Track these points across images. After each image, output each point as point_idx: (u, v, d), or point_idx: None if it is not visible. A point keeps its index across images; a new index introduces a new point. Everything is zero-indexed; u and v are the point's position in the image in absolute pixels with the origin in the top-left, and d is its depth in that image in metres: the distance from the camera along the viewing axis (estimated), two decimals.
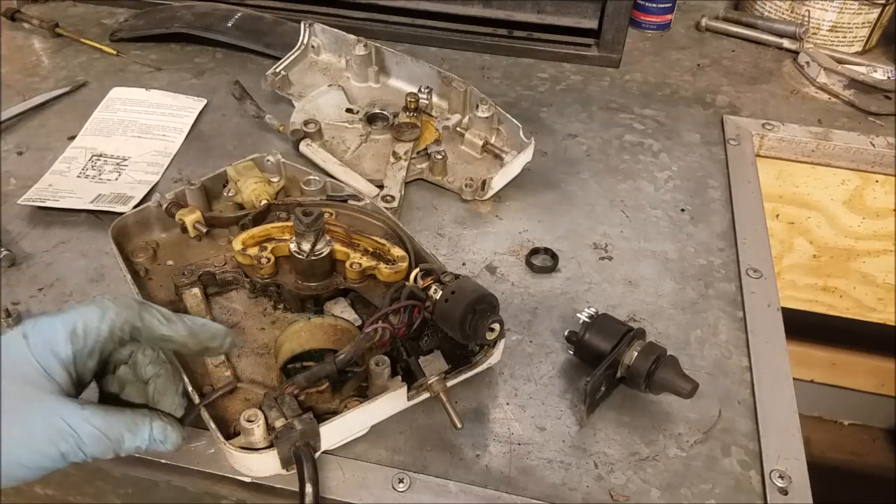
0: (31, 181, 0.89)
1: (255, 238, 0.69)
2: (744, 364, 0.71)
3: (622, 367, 0.64)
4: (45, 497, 0.70)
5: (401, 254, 0.68)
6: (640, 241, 0.85)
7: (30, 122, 1.01)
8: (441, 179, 0.91)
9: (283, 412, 0.56)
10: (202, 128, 1.01)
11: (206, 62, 1.16)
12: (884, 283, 1.18)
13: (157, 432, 0.50)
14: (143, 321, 0.51)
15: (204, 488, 0.62)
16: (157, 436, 0.49)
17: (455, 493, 0.59)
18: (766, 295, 0.77)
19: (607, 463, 0.62)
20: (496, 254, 0.82)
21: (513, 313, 0.75)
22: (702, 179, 0.94)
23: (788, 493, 0.60)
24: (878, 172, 1.04)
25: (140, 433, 0.48)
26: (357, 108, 1.00)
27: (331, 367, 0.58)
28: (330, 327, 0.64)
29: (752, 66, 1.20)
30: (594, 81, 1.14)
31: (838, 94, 1.11)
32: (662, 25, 1.29)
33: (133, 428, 0.48)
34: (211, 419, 0.57)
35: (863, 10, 1.16)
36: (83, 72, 1.13)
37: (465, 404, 0.66)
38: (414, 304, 0.62)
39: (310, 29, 1.08)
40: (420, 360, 0.63)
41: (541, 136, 1.00)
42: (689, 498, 0.60)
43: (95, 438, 0.45)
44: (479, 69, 1.16)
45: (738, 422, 0.66)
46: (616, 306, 0.76)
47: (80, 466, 0.63)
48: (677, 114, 1.07)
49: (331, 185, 0.79)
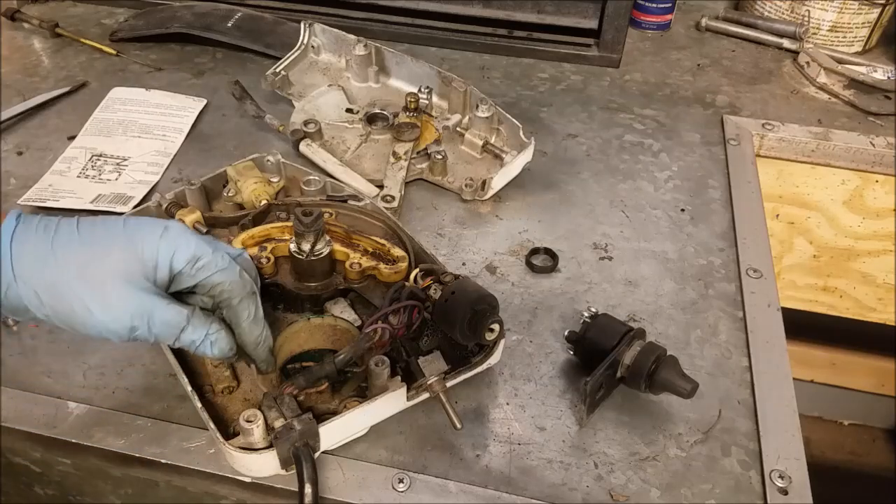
0: (31, 181, 0.89)
1: (254, 238, 0.69)
2: (744, 364, 0.71)
3: (622, 367, 0.64)
4: (46, 497, 0.70)
5: (401, 254, 0.68)
6: (640, 241, 0.85)
7: (30, 122, 1.01)
8: (441, 179, 0.91)
9: (283, 412, 0.56)
10: (202, 128, 1.01)
11: (206, 62, 1.16)
12: (884, 283, 1.18)
13: (213, 334, 0.56)
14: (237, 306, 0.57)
15: (204, 488, 0.62)
16: (211, 337, 0.55)
17: (455, 493, 0.59)
18: (766, 295, 0.77)
19: (607, 463, 0.62)
20: (496, 254, 0.82)
21: (513, 313, 0.75)
22: (702, 179, 0.94)
23: (788, 493, 0.60)
24: (878, 172, 1.04)
25: (198, 330, 0.55)
26: (357, 108, 1.00)
27: (330, 367, 0.58)
28: (329, 328, 0.64)
29: (752, 66, 1.20)
30: (594, 81, 1.14)
31: (838, 94, 1.11)
32: (662, 25, 1.29)
33: (195, 323, 0.55)
34: (210, 419, 0.57)
35: (863, 10, 1.16)
36: (83, 72, 1.13)
37: (465, 404, 0.66)
38: (414, 305, 0.62)
39: (310, 29, 1.08)
40: (420, 360, 0.63)
41: (541, 136, 1.00)
42: (689, 498, 0.60)
43: (163, 324, 0.53)
44: (479, 69, 1.16)
45: (738, 422, 0.66)
46: (616, 306, 0.76)
47: (80, 465, 0.64)
48: (677, 114, 1.07)
49: (331, 185, 0.79)
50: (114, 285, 0.52)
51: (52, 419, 0.63)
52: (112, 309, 0.52)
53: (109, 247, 0.53)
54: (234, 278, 0.56)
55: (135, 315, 0.52)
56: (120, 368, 0.68)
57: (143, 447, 0.61)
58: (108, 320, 0.52)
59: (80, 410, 0.64)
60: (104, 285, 0.51)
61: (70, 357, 0.69)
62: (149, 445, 0.61)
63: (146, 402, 0.65)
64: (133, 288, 0.52)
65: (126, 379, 0.67)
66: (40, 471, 0.66)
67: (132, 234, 0.53)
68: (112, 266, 0.52)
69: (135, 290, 0.52)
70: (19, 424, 0.63)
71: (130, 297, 0.52)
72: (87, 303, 0.51)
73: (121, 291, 0.52)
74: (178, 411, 0.64)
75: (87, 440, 0.62)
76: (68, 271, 0.51)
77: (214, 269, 0.55)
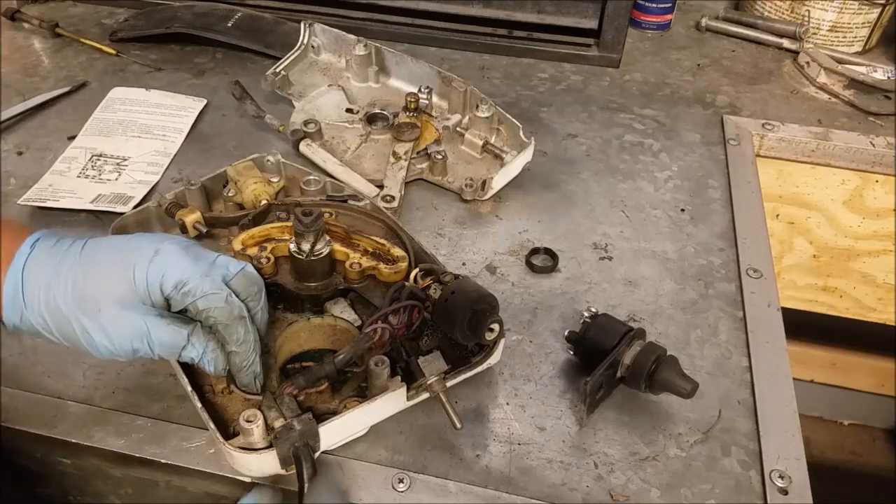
0: (31, 181, 0.89)
1: (254, 238, 0.69)
2: (744, 364, 0.71)
3: (622, 367, 0.64)
4: (46, 497, 0.70)
5: (401, 254, 0.68)
6: (640, 241, 0.84)
7: (30, 122, 1.01)
8: (441, 179, 0.91)
9: (283, 412, 0.56)
10: (202, 128, 1.01)
11: (206, 62, 1.16)
12: (884, 283, 1.18)
13: (209, 353, 0.56)
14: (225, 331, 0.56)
15: (204, 488, 0.62)
16: (207, 357, 0.56)
17: (455, 493, 0.59)
18: (766, 295, 0.77)
19: (607, 463, 0.62)
20: (496, 254, 0.82)
21: (513, 313, 0.75)
22: (702, 179, 0.94)
23: (788, 493, 0.60)
24: (878, 172, 1.04)
25: (197, 349, 0.56)
26: (357, 108, 1.00)
27: (330, 367, 0.58)
28: (329, 328, 0.64)
29: (752, 66, 1.20)
30: (594, 81, 1.14)
31: (838, 94, 1.11)
32: (662, 25, 1.29)
33: (194, 342, 0.55)
34: (210, 419, 0.57)
35: (863, 10, 1.16)
36: (83, 72, 1.13)
37: (465, 404, 0.66)
38: (414, 305, 0.62)
39: (310, 29, 1.08)
40: (420, 360, 0.63)
41: (541, 136, 1.00)
42: (689, 498, 0.60)
43: (161, 345, 0.54)
44: (479, 69, 1.16)
45: (738, 422, 0.66)
46: (616, 306, 0.76)
47: (80, 465, 0.64)
48: (677, 114, 1.07)
49: (331, 185, 0.79)
50: (109, 310, 0.53)
51: (52, 419, 0.63)
52: (110, 333, 0.53)
53: (106, 272, 0.54)
54: (219, 304, 0.55)
55: (133, 338, 0.54)
56: (120, 368, 0.68)
57: (142, 447, 0.61)
58: (108, 343, 0.53)
59: (80, 410, 0.64)
60: (100, 311, 0.53)
61: (70, 357, 0.69)
62: (149, 445, 0.61)
63: (146, 402, 0.65)
64: (128, 311, 0.53)
65: (126, 379, 0.67)
66: (40, 471, 0.66)
67: (126, 257, 0.55)
68: (107, 290, 0.53)
69: (130, 314, 0.53)
70: (19, 424, 0.63)
71: (126, 320, 0.53)
72: (87, 328, 0.53)
73: (116, 315, 0.53)
74: (177, 411, 0.64)
75: (87, 440, 0.62)
76: (68, 297, 0.53)
77: (199, 294, 0.55)
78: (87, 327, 0.53)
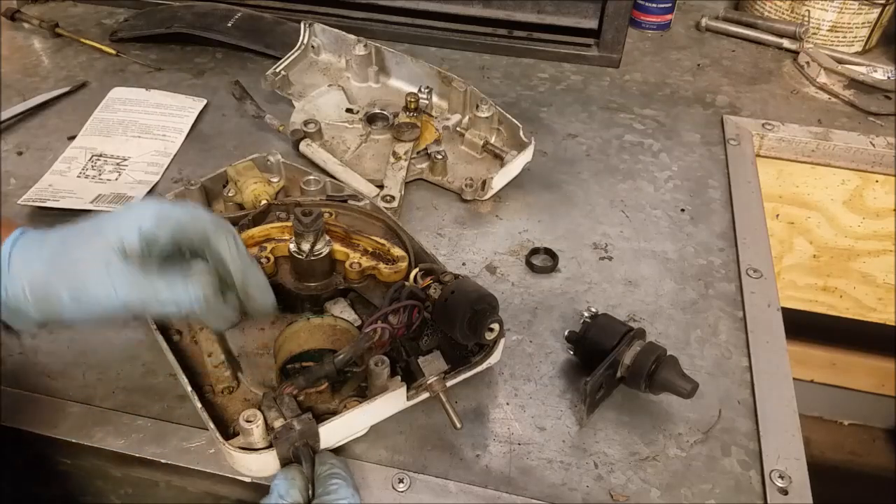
0: (31, 181, 0.89)
1: (254, 238, 0.69)
2: (744, 364, 0.71)
3: (622, 367, 0.64)
4: (46, 497, 0.70)
5: (401, 254, 0.68)
6: (640, 241, 0.85)
7: (30, 122, 1.01)
8: (441, 179, 0.91)
9: (283, 412, 0.56)
10: (202, 128, 1.01)
11: (206, 62, 1.16)
12: (884, 283, 1.18)
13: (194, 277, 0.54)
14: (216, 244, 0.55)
15: (204, 488, 0.62)
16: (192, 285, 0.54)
17: (455, 493, 0.59)
18: (766, 295, 0.77)
19: (607, 463, 0.62)
20: (496, 254, 0.82)
21: (513, 313, 0.75)
22: (702, 179, 0.94)
23: (788, 493, 0.60)
24: (878, 172, 1.04)
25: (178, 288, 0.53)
26: (357, 108, 1.00)
27: (330, 367, 0.58)
28: (329, 327, 0.64)
29: (752, 66, 1.20)
30: (594, 81, 1.14)
31: (838, 94, 1.11)
32: (662, 25, 1.29)
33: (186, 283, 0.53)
34: (210, 419, 0.57)
35: (863, 10, 1.16)
36: (83, 72, 1.13)
37: (465, 404, 0.66)
38: (414, 305, 0.62)
39: (310, 29, 1.08)
40: (420, 360, 0.63)
41: (541, 136, 1.00)
42: (689, 498, 0.60)
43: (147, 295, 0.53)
44: (479, 69, 1.16)
45: (738, 422, 0.66)
46: (616, 306, 0.76)
47: (80, 465, 0.64)
48: (677, 114, 1.07)
49: (331, 185, 0.79)
50: (88, 272, 0.53)
51: (52, 419, 0.63)
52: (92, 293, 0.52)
53: (86, 237, 0.54)
54: (200, 214, 0.55)
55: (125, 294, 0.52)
56: (120, 368, 0.68)
57: (142, 447, 0.61)
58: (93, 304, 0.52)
59: (80, 410, 0.64)
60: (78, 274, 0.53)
61: (70, 357, 0.69)
62: (149, 445, 0.61)
63: (146, 402, 0.65)
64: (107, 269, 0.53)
65: (126, 379, 0.67)
66: (40, 471, 0.66)
67: (100, 221, 0.55)
68: (85, 254, 0.53)
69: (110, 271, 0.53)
70: (19, 424, 0.63)
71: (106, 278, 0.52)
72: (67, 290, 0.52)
73: (98, 275, 0.52)
74: (178, 411, 0.64)
75: (87, 440, 0.62)
76: (50, 263, 0.53)
77: (179, 215, 0.55)
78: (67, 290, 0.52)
